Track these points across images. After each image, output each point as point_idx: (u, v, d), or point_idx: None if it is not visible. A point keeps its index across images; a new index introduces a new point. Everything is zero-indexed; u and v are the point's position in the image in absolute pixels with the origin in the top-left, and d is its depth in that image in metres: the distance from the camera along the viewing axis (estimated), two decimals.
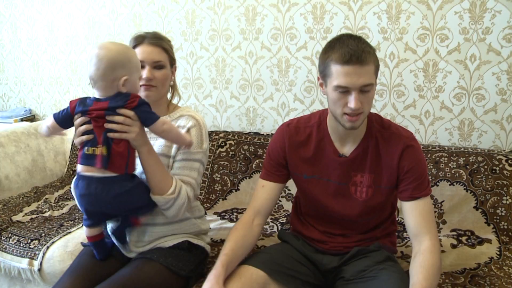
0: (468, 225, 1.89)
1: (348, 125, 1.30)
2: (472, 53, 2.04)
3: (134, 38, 1.50)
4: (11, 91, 3.18)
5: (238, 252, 1.39)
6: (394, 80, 2.19)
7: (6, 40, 3.10)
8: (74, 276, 1.44)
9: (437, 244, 1.31)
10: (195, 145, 1.50)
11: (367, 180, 1.41)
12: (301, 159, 1.47)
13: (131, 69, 1.31)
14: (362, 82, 1.22)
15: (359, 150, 1.40)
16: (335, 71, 1.24)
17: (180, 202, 1.43)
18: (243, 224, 1.46)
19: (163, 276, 1.45)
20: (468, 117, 2.11)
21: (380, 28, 2.16)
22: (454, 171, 1.96)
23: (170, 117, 1.55)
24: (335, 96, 1.27)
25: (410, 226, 1.35)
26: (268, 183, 1.51)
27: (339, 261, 1.46)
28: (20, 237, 1.91)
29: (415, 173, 1.35)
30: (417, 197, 1.34)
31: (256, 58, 2.43)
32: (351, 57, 1.20)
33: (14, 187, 2.41)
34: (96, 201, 1.33)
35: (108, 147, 1.29)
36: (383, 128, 1.41)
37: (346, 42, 1.24)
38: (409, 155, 1.36)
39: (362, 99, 1.25)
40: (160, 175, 1.39)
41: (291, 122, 1.51)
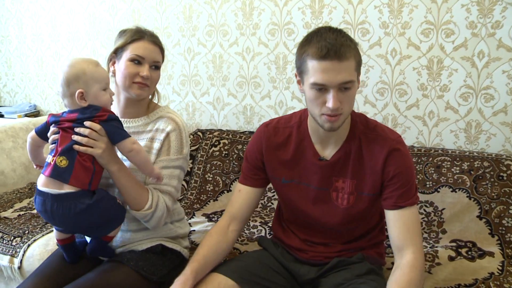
0: (470, 235, 1.74)
1: (327, 126, 1.19)
2: (480, 49, 1.89)
3: (133, 33, 1.42)
4: (17, 86, 3.20)
5: (210, 259, 1.31)
6: (396, 78, 2.05)
7: (12, 36, 3.11)
8: (39, 277, 1.40)
9: (420, 259, 1.19)
10: (174, 151, 1.44)
11: (348, 186, 1.30)
12: (279, 162, 1.37)
13: (87, 81, 1.25)
14: (341, 79, 1.11)
15: (341, 153, 1.29)
16: (312, 67, 1.13)
17: (159, 214, 1.38)
18: (218, 230, 1.38)
19: (133, 281, 1.39)
20: (475, 119, 1.95)
21: (381, 23, 2.03)
22: (457, 176, 1.81)
23: (149, 118, 1.48)
24: (312, 94, 1.17)
25: (393, 238, 1.23)
26: (245, 188, 1.42)
27: (317, 272, 1.36)
28: (4, 234, 1.88)
29: (401, 179, 1.22)
30: (402, 206, 1.22)
31: (253, 54, 2.33)
32: (329, 52, 1.09)
33: (10, 182, 2.40)
34: (53, 219, 1.26)
35: (72, 159, 1.22)
36: (368, 129, 1.29)
37: (324, 35, 1.13)
38: (395, 159, 1.23)
39: (342, 98, 1.14)
40: (134, 192, 1.33)
41: (271, 122, 1.41)
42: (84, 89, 1.25)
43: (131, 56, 1.38)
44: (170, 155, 1.43)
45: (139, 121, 1.47)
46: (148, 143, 1.44)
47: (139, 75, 1.38)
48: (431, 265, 1.57)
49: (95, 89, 1.27)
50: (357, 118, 1.31)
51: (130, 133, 1.45)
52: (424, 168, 1.87)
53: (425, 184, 1.85)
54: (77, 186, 1.22)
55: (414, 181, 1.26)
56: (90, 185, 1.25)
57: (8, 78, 3.22)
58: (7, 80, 3.23)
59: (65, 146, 1.23)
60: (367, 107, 2.14)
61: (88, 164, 1.24)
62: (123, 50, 1.40)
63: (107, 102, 1.31)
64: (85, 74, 1.25)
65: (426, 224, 1.81)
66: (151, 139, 1.45)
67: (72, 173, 1.21)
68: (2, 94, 3.29)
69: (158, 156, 1.43)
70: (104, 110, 1.28)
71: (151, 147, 1.44)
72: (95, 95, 1.27)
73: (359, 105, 2.15)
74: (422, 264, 1.19)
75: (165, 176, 1.42)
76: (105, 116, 1.26)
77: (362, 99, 2.14)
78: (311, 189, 1.34)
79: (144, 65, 1.40)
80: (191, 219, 1.99)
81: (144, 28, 1.46)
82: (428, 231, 1.79)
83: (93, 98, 1.27)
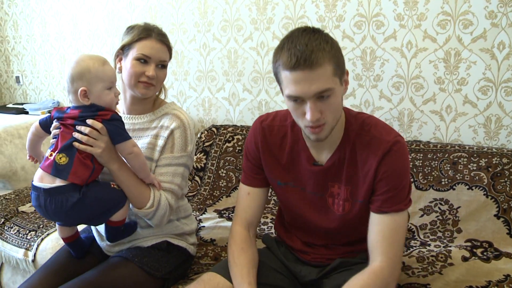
0: (487, 235, 1.67)
1: (313, 137, 1.12)
2: (501, 40, 1.80)
3: (140, 31, 1.39)
4: (42, 84, 3.28)
5: (255, 274, 1.25)
6: (411, 71, 1.99)
7: (37, 35, 3.19)
8: (46, 272, 1.43)
9: (387, 269, 1.11)
10: (178, 148, 1.42)
11: (343, 192, 1.22)
12: (275, 164, 1.31)
13: (90, 80, 1.24)
14: (315, 89, 1.02)
15: (335, 158, 1.21)
16: (285, 78, 1.05)
17: (161, 213, 1.37)
18: (244, 242, 1.30)
19: (137, 277, 1.40)
20: (495, 113, 1.87)
21: (396, 15, 1.96)
22: (474, 173, 1.74)
23: (154, 115, 1.47)
24: (290, 106, 1.10)
25: (368, 241, 1.17)
26: (253, 190, 1.36)
27: (319, 273, 1.32)
28: (20, 228, 1.94)
29: (389, 182, 1.14)
30: (385, 212, 1.14)
31: (267, 49, 2.31)
32: (298, 60, 1.00)
33: (30, 177, 2.46)
34: (48, 214, 1.25)
35: (71, 156, 1.23)
36: (363, 130, 1.18)
37: (295, 40, 1.03)
38: (386, 162, 1.13)
39: (322, 107, 1.05)
40: (135, 190, 1.33)
41: (266, 119, 1.34)
42: (88, 88, 1.25)
43: (137, 55, 1.36)
44: (174, 152, 1.41)
45: (145, 118, 1.47)
46: (153, 140, 1.43)
47: (145, 74, 1.36)
48: (443, 266, 1.52)
49: (99, 88, 1.26)
50: (352, 119, 1.21)
51: (135, 130, 1.46)
52: (439, 165, 1.80)
53: (440, 181, 1.78)
54: (77, 182, 1.23)
55: (406, 186, 1.17)
56: (88, 180, 1.25)
57: (33, 75, 3.31)
58: (32, 77, 3.32)
59: (65, 143, 1.23)
60: (382, 101, 2.08)
61: (88, 162, 1.24)
62: (129, 47, 1.38)
63: (110, 102, 1.29)
64: (90, 72, 1.24)
65: (440, 223, 1.75)
66: (155, 136, 1.44)
67: (71, 170, 1.22)
68: (28, 91, 3.39)
69: (162, 153, 1.42)
70: (107, 109, 1.27)
71: (156, 144, 1.43)
72: (98, 94, 1.26)
73: (375, 100, 2.09)
74: (388, 276, 1.11)
75: (169, 173, 1.41)
76: (109, 115, 1.26)
77: (378, 93, 2.08)
78: (306, 193, 1.28)
79: (150, 65, 1.37)
80: (202, 215, 2.00)
81: (152, 25, 1.42)
82: (443, 230, 1.73)
83: (96, 97, 1.26)
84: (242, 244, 1.29)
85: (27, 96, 3.41)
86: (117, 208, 1.33)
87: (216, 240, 1.77)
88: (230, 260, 1.27)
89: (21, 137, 2.48)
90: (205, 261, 1.64)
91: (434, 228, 1.75)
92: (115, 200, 1.32)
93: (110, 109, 1.29)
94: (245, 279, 1.19)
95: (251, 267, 1.24)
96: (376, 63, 2.05)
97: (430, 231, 1.75)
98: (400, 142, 1.15)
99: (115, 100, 1.31)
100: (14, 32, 3.32)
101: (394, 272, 1.14)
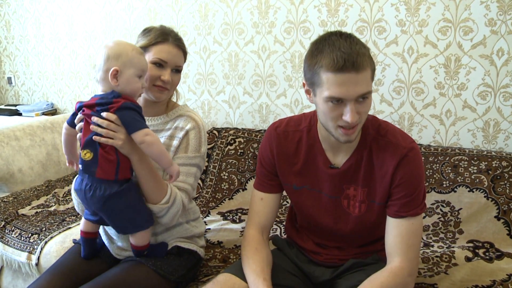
0: (488, 236, 1.72)
1: (344, 139, 1.14)
2: (500, 47, 1.86)
3: (157, 34, 1.39)
4: (35, 85, 3.24)
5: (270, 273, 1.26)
6: (412, 76, 2.03)
7: (31, 35, 3.15)
8: (54, 274, 1.41)
9: (407, 269, 1.15)
10: (193, 149, 1.43)
11: (360, 194, 1.25)
12: (290, 169, 1.33)
13: (125, 62, 1.24)
14: (359, 91, 1.05)
15: (352, 161, 1.24)
16: (327, 80, 1.06)
17: (175, 210, 1.37)
18: (259, 243, 1.32)
19: (151, 280, 1.40)
20: (493, 118, 1.93)
21: (398, 21, 2.01)
22: (475, 176, 1.79)
23: (168, 117, 1.47)
24: (327, 108, 1.10)
25: (386, 243, 1.21)
26: (266, 196, 1.38)
27: (332, 274, 1.34)
28: (22, 231, 1.91)
29: (406, 188, 1.17)
30: (403, 216, 1.17)
31: (269, 53, 2.33)
32: (346, 63, 1.02)
33: (27, 180, 2.43)
34: (86, 199, 1.27)
35: (95, 151, 1.23)
36: (379, 135, 1.22)
37: (336, 43, 1.05)
38: (403, 167, 1.17)
39: (359, 109, 1.09)
40: (153, 184, 1.32)
41: (280, 125, 1.35)
42: (120, 69, 1.24)
43: (154, 59, 1.36)
44: (188, 152, 1.42)
45: (158, 120, 1.48)
46: (167, 140, 1.44)
47: (160, 78, 1.37)
48: (448, 266, 1.56)
49: (130, 72, 1.25)
50: (368, 123, 1.24)
51: None
52: (440, 168, 1.85)
53: (441, 183, 1.83)
54: (106, 178, 1.24)
55: (422, 190, 1.20)
56: (117, 176, 1.25)
57: (26, 76, 3.27)
58: (25, 78, 3.28)
59: (88, 137, 1.23)
60: (383, 105, 2.12)
61: (112, 156, 1.24)
62: (145, 50, 1.38)
63: (136, 90, 1.28)
64: (127, 55, 1.24)
65: (442, 224, 1.79)
66: (170, 136, 1.45)
67: (98, 166, 1.22)
68: (20, 92, 3.34)
69: (176, 153, 1.43)
70: (123, 97, 1.25)
71: (170, 144, 1.44)
72: (127, 79, 1.25)
73: (375, 104, 2.13)
74: (407, 275, 1.15)
75: (182, 173, 1.41)
76: (119, 103, 1.23)
77: (378, 97, 2.12)
78: (322, 196, 1.30)
79: (166, 69, 1.38)
80: (206, 218, 2.00)
81: (169, 28, 1.43)
82: (445, 231, 1.77)
83: (125, 80, 1.25)
84: (256, 245, 1.31)
85: (20, 98, 3.36)
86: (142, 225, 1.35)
87: (223, 242, 1.78)
88: (244, 260, 1.29)
89: (17, 139, 2.45)
90: (213, 264, 1.64)
91: (437, 229, 1.79)
92: (144, 216, 1.33)
93: (126, 97, 1.26)
94: (260, 275, 1.20)
95: (265, 265, 1.25)
96: (377, 68, 2.09)
97: (432, 232, 1.79)
98: (415, 148, 1.19)
99: (141, 90, 1.30)
100: (6, 32, 3.27)
101: (412, 272, 1.17)
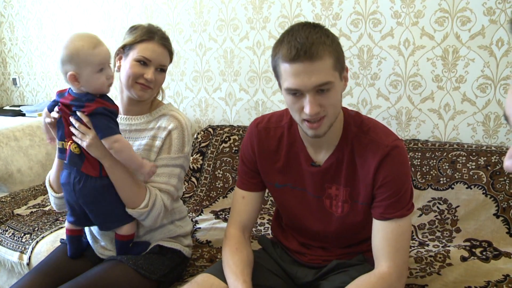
0: (486, 234, 1.65)
1: (310, 133, 1.09)
2: (499, 37, 1.77)
3: (143, 32, 1.38)
4: (39, 85, 3.27)
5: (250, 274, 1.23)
6: (409, 69, 1.96)
7: (33, 36, 3.18)
8: (37, 273, 1.41)
9: (395, 275, 1.10)
10: (176, 149, 1.41)
11: (342, 194, 1.20)
12: (272, 166, 1.28)
13: (79, 64, 1.20)
14: (315, 81, 1.01)
15: (333, 159, 1.19)
16: (284, 70, 1.04)
17: (155, 213, 1.36)
18: (240, 243, 1.29)
19: (132, 280, 1.38)
20: (494, 111, 1.85)
21: (393, 12, 1.94)
22: (473, 172, 1.72)
23: (151, 116, 1.45)
24: (289, 100, 1.07)
25: (373, 247, 1.16)
26: (248, 194, 1.34)
27: (315, 275, 1.30)
28: (16, 231, 1.92)
29: (390, 188, 1.12)
30: (388, 218, 1.12)
31: (264, 49, 2.29)
32: (298, 52, 0.99)
33: (26, 180, 2.45)
34: (74, 192, 1.29)
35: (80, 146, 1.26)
36: (362, 132, 1.17)
37: (295, 34, 1.02)
38: (385, 167, 1.11)
39: (322, 100, 1.04)
40: (129, 189, 1.31)
41: (261, 121, 1.31)
42: (77, 71, 1.21)
43: (138, 56, 1.35)
44: (171, 153, 1.40)
45: (142, 119, 1.46)
46: (150, 141, 1.42)
47: (143, 77, 1.35)
48: (441, 266, 1.50)
49: (88, 72, 1.21)
50: (350, 119, 1.19)
51: (132, 131, 1.44)
52: (438, 164, 1.78)
53: (438, 180, 1.76)
54: (89, 173, 1.26)
55: (407, 190, 1.15)
56: (101, 172, 1.28)
57: (30, 77, 3.30)
58: (29, 79, 3.31)
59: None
60: (380, 100, 2.06)
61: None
62: (131, 48, 1.37)
63: (100, 86, 1.25)
64: (78, 56, 1.20)
65: (439, 222, 1.73)
66: (153, 137, 1.42)
67: (84, 161, 1.25)
68: (25, 93, 3.38)
69: (159, 154, 1.41)
70: (96, 101, 1.23)
71: (153, 145, 1.42)
72: (87, 79, 1.22)
73: (372, 99, 2.07)
74: (396, 281, 1.10)
75: (165, 174, 1.39)
76: (91, 108, 1.22)
77: (375, 92, 2.06)
78: (306, 194, 1.26)
79: (150, 68, 1.36)
80: (198, 216, 1.98)
81: (156, 27, 1.41)
82: (441, 230, 1.71)
83: (85, 81, 1.23)
84: (237, 245, 1.28)
85: (24, 98, 3.40)
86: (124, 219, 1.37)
87: (212, 242, 1.75)
88: (224, 261, 1.26)
89: (17, 139, 2.47)
90: (200, 263, 1.61)
91: (433, 228, 1.72)
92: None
93: (100, 101, 1.25)
94: (240, 277, 1.17)
95: (245, 266, 1.22)
96: (373, 62, 2.03)
97: (428, 231, 1.72)
98: (398, 146, 1.13)
99: (107, 83, 1.27)
100: (10, 34, 3.31)
101: (401, 278, 1.12)
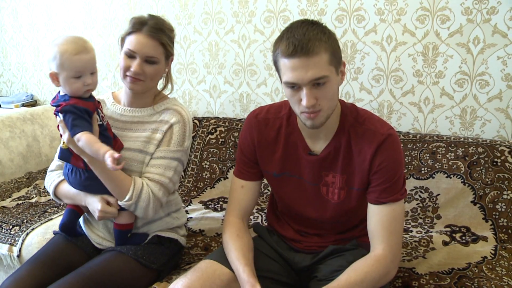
0: (465, 221, 1.76)
1: (308, 123, 1.16)
2: (476, 35, 1.89)
3: (133, 24, 1.38)
4: (14, 76, 3.19)
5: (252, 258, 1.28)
6: (391, 64, 2.05)
7: (8, 26, 3.09)
8: (34, 264, 1.41)
9: (390, 257, 1.17)
10: (175, 143, 1.43)
11: (339, 181, 1.27)
12: (271, 156, 1.34)
13: (58, 66, 1.26)
14: (311, 75, 1.07)
15: (330, 148, 1.25)
16: (283, 65, 1.11)
17: (143, 205, 1.37)
18: (241, 230, 1.33)
19: (134, 270, 1.41)
20: (470, 105, 1.96)
21: (377, 9, 2.02)
22: (452, 162, 1.82)
23: (154, 109, 1.47)
24: (288, 93, 1.15)
25: (369, 230, 1.24)
26: (247, 183, 1.38)
27: (312, 259, 1.35)
28: (3, 223, 1.89)
29: (385, 174, 1.19)
30: (383, 202, 1.19)
31: (249, 42, 2.33)
32: (295, 48, 1.06)
33: (7, 172, 2.40)
34: (69, 182, 1.42)
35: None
36: (357, 122, 1.24)
37: (294, 31, 1.09)
38: (381, 153, 1.19)
39: (318, 94, 1.10)
40: (111, 183, 1.34)
41: (260, 112, 1.36)
42: (57, 71, 1.27)
43: (125, 49, 1.37)
44: (170, 146, 1.42)
45: (144, 111, 1.47)
46: (150, 134, 1.44)
47: (130, 69, 1.36)
48: (426, 250, 1.60)
49: (64, 75, 1.27)
50: (347, 110, 1.26)
51: (134, 123, 1.47)
52: (419, 154, 1.88)
53: (420, 170, 1.86)
54: (78, 166, 1.35)
55: (401, 176, 1.22)
56: (86, 165, 1.33)
57: (4, 68, 3.21)
58: (3, 70, 3.22)
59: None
60: (363, 93, 2.14)
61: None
62: (123, 40, 1.40)
63: (76, 90, 1.28)
64: (59, 59, 1.25)
65: (421, 210, 1.83)
66: (154, 130, 1.44)
67: (72, 155, 1.33)
68: None
69: (158, 146, 1.43)
70: (71, 99, 1.28)
71: (153, 138, 1.44)
72: (63, 81, 1.28)
73: (355, 92, 2.15)
74: (390, 263, 1.18)
75: (161, 166, 1.41)
76: (59, 107, 1.27)
77: (358, 86, 2.14)
78: (302, 182, 1.32)
79: (135, 60, 1.36)
80: (188, 207, 2.01)
81: (149, 18, 1.38)
82: (423, 217, 1.81)
83: (62, 82, 1.28)
84: (237, 232, 1.32)
85: None
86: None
87: (205, 230, 1.79)
88: (226, 247, 1.30)
89: None
90: (195, 252, 1.65)
91: (415, 215, 1.82)
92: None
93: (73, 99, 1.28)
94: (242, 262, 1.22)
95: (247, 251, 1.27)
96: (356, 56, 2.11)
97: (411, 218, 1.82)
98: (393, 135, 1.21)
99: (83, 89, 1.29)
100: None
101: (395, 259, 1.20)
